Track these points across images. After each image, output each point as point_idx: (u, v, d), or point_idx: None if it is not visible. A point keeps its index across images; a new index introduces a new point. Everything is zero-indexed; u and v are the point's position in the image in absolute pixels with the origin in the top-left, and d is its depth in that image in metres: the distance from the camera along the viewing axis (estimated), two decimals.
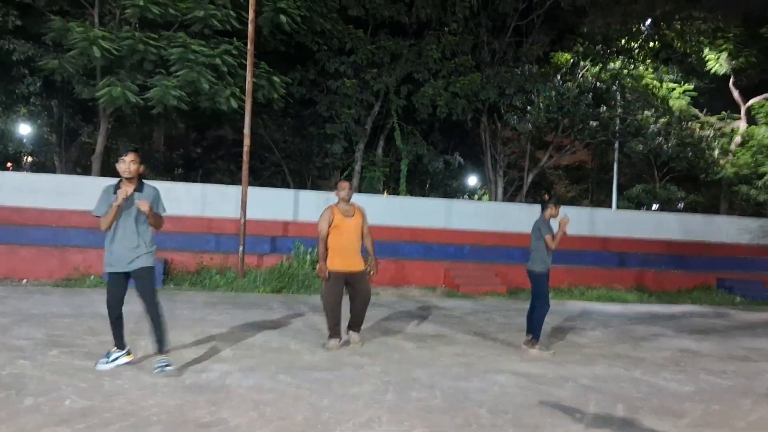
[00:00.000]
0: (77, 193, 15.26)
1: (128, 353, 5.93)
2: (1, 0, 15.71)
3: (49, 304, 9.40)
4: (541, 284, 7.88)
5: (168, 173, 23.63)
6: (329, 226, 7.22)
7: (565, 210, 8.01)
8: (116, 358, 5.81)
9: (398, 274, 14.62)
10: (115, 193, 5.53)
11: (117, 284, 5.66)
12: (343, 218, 7.26)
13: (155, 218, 5.64)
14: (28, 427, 4.11)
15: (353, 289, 7.25)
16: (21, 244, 12.89)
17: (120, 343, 5.86)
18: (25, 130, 18.83)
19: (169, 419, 4.40)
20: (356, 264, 7.23)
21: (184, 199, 16.36)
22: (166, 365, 5.53)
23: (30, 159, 26.18)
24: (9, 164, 25.43)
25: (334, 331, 7.17)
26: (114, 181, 5.68)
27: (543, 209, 7.97)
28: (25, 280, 12.09)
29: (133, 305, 6.16)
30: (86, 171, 22.02)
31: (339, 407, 4.91)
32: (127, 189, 5.46)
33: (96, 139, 17.92)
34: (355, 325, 7.46)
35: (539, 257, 7.81)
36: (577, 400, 5.54)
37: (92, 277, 12.15)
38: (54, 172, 21.29)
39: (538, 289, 7.89)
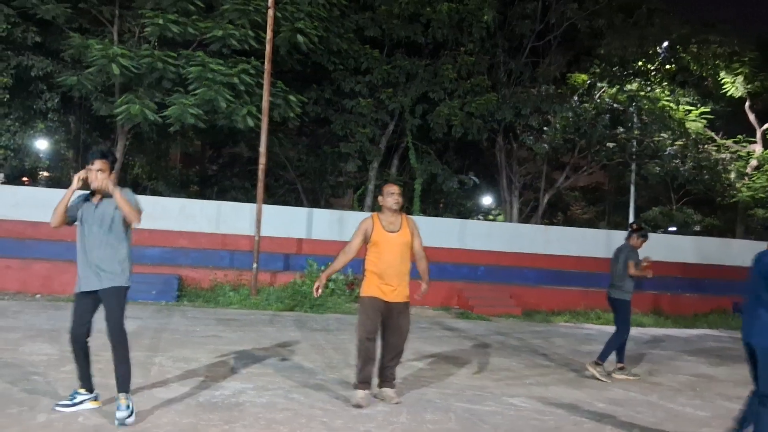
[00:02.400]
0: None
1: (96, 398, 4.94)
2: (21, 16, 15.98)
3: (62, 320, 9.42)
4: (624, 312, 7.81)
5: (183, 190, 23.77)
6: (365, 242, 5.75)
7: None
8: (80, 402, 4.83)
9: (411, 294, 14.53)
10: (87, 200, 4.79)
11: (83, 306, 4.81)
12: (385, 233, 5.72)
13: (126, 205, 4.62)
14: None
15: (389, 322, 5.73)
16: (35, 259, 12.98)
17: (87, 383, 4.89)
18: (42, 145, 19.06)
19: None
20: (398, 293, 5.77)
21: (199, 216, 16.45)
22: (128, 416, 4.51)
23: (46, 174, 26.43)
24: (25, 179, 25.68)
25: (363, 378, 5.58)
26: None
27: (629, 236, 8.03)
28: (38, 295, 12.16)
29: (145, 320, 6.15)
30: None
31: (352, 427, 4.87)
32: (83, 176, 4.67)
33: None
34: (387, 377, 5.82)
35: (622, 284, 7.80)
36: (592, 425, 5.46)
37: None
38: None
39: (620, 317, 7.85)
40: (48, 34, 16.56)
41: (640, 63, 22.07)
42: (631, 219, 23.96)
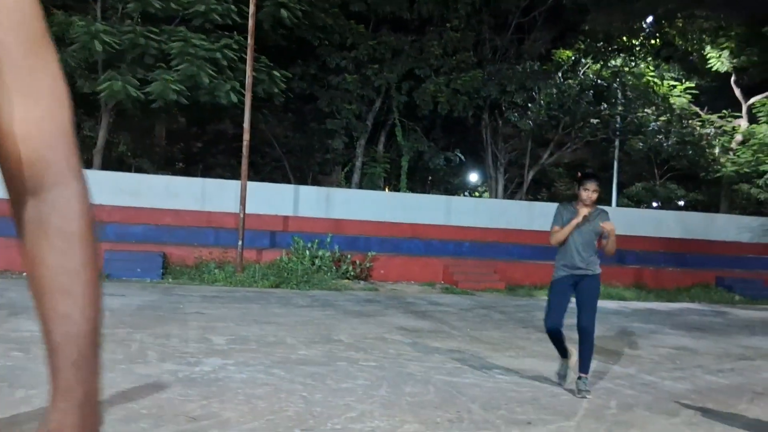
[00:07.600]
0: None
1: None
2: None
3: None
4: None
5: (169, 167, 23.61)
6: None
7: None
8: None
9: (398, 269, 14.64)
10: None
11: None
12: None
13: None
14: (19, 418, 4.11)
15: None
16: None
17: None
18: None
19: (160, 413, 4.39)
20: None
21: (184, 194, 16.37)
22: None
23: None
24: None
25: None
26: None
27: None
28: (25, 273, 12.08)
29: (128, 297, 6.13)
30: (87, 165, 21.96)
31: (332, 401, 4.90)
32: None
33: (97, 133, 17.94)
34: None
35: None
36: (570, 396, 5.53)
37: None
38: None
39: None
40: None
41: (624, 38, 22.07)
42: (614, 195, 24.10)
